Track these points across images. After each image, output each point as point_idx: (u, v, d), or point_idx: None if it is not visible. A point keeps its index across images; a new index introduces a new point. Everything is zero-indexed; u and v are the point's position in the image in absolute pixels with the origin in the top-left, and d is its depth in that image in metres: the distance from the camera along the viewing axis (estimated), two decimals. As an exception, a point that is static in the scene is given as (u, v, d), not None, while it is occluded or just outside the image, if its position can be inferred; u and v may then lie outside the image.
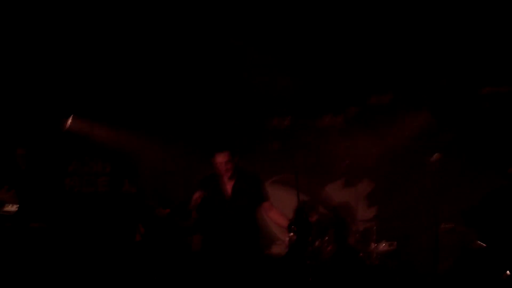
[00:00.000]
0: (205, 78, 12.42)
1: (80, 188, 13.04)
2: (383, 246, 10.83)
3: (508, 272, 8.82)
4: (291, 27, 11.18)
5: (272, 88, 12.49)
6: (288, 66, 12.09)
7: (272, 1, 10.80)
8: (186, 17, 10.98)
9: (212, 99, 12.87)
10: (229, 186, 7.93)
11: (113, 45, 11.60)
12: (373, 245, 10.80)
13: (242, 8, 10.82)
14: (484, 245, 9.51)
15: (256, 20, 11.03)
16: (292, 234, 8.11)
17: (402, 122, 12.32)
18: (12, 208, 9.94)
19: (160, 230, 11.29)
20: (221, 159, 7.84)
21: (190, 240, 12.32)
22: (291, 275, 10.01)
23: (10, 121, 12.40)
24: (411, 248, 11.45)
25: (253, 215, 8.00)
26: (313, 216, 11.30)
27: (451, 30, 10.85)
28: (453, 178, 11.27)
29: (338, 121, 12.78)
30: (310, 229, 8.21)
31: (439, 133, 12.01)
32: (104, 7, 10.80)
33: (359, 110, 12.70)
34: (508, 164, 11.04)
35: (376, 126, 12.48)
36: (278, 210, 8.16)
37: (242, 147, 12.30)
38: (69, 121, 12.45)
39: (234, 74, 12.30)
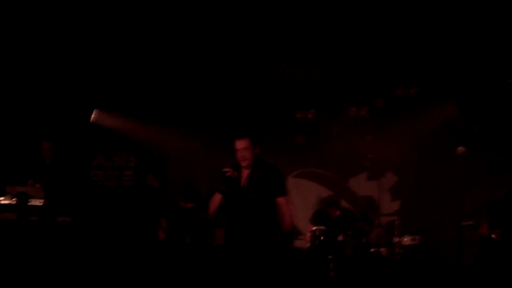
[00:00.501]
0: (232, 71, 12.39)
1: (104, 182, 13.14)
2: (406, 240, 10.75)
3: None
4: (318, 19, 11.11)
5: (297, 81, 12.45)
6: (313, 58, 12.02)
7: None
8: (216, 9, 10.95)
9: (238, 92, 12.87)
10: (245, 175, 7.70)
11: (137, 37, 11.60)
12: (396, 239, 10.72)
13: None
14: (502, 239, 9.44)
15: (283, 13, 10.97)
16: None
17: (428, 115, 12.22)
18: (37, 202, 9.98)
19: (183, 224, 11.31)
20: (240, 145, 7.59)
21: (214, 233, 12.38)
22: (314, 270, 9.98)
23: (35, 114, 12.51)
24: (435, 242, 11.38)
25: (269, 207, 7.64)
26: (335, 211, 11.29)
27: (477, 21, 10.71)
28: (479, 171, 11.17)
29: (363, 113, 12.69)
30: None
31: (465, 126, 11.90)
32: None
33: (384, 102, 12.59)
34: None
35: (402, 118, 12.40)
36: (289, 212, 7.78)
37: (268, 140, 12.38)
38: (94, 114, 12.50)
39: (260, 67, 12.24)
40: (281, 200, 7.64)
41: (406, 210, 11.87)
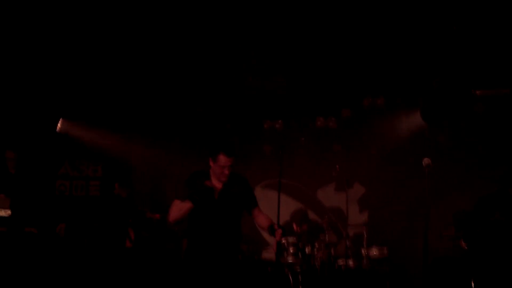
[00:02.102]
0: (199, 81, 12.35)
1: (71, 192, 13.02)
2: (374, 251, 10.79)
3: None
4: (285, 30, 11.11)
5: (264, 91, 12.45)
6: (281, 69, 12.04)
7: (267, 4, 10.75)
8: (181, 18, 10.90)
9: (205, 102, 12.82)
10: (218, 187, 7.53)
11: (104, 46, 11.51)
12: (363, 251, 10.75)
13: (237, 11, 10.75)
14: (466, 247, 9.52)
15: (251, 23, 10.96)
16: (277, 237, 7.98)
17: (395, 125, 12.30)
18: (2, 213, 9.85)
19: (151, 235, 11.24)
20: (226, 162, 7.35)
21: (182, 244, 12.31)
22: (282, 282, 9.96)
23: (-1, 123, 12.37)
24: (402, 253, 11.43)
25: (238, 219, 7.65)
26: (302, 226, 11.33)
27: (442, 32, 10.79)
28: (446, 181, 11.26)
29: (331, 124, 12.73)
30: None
31: (432, 136, 11.99)
32: (96, 9, 10.75)
33: (352, 113, 12.64)
34: (502, 167, 11.05)
35: (369, 129, 12.47)
36: (264, 214, 8.04)
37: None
38: (59, 124, 12.38)
39: (227, 77, 12.23)
40: (255, 211, 7.70)
41: (374, 221, 11.91)
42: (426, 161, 7.93)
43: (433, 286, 9.67)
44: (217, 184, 7.49)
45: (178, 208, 7.47)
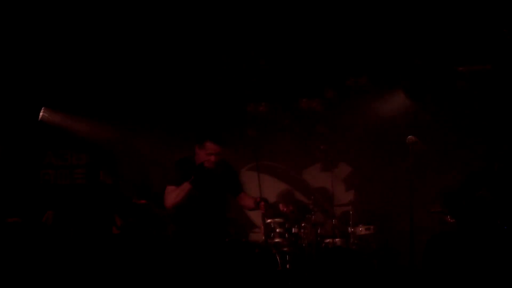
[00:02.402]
0: (180, 65, 12.29)
1: (56, 180, 12.96)
2: (361, 230, 10.83)
3: None
4: (267, 11, 11.07)
5: (247, 73, 12.42)
6: (264, 51, 12.00)
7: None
8: (161, 3, 10.86)
9: (188, 86, 12.77)
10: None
11: (85, 31, 11.43)
12: (351, 229, 10.78)
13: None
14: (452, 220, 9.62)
15: (232, 5, 10.92)
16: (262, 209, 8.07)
17: (379, 104, 12.29)
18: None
19: (137, 221, 11.21)
20: (212, 149, 7.70)
21: (168, 229, 12.30)
22: (269, 263, 9.97)
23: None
24: (389, 231, 11.48)
25: (224, 203, 7.99)
26: (288, 206, 11.32)
27: (423, 8, 10.78)
28: (430, 158, 11.29)
29: (315, 105, 12.71)
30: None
31: (415, 114, 12.00)
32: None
33: (335, 93, 12.62)
34: (485, 143, 11.11)
35: (353, 109, 12.45)
36: (249, 196, 8.19)
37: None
38: (41, 113, 12.30)
39: (210, 60, 12.18)
40: (241, 195, 8.16)
41: (360, 200, 11.92)
42: (410, 138, 7.97)
43: (428, 263, 9.72)
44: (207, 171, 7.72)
45: (176, 193, 7.65)
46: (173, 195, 7.79)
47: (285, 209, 10.83)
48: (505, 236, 9.16)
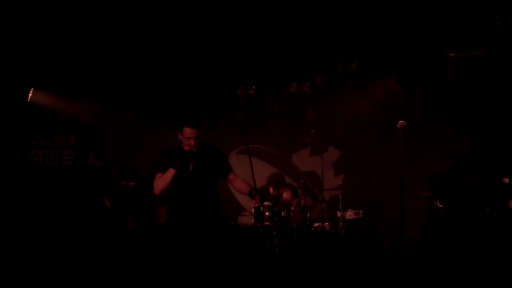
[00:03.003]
0: (171, 48, 12.25)
1: (44, 162, 12.92)
2: (349, 214, 10.85)
3: None
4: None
5: (237, 57, 12.40)
6: (254, 35, 11.97)
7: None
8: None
9: (178, 69, 12.73)
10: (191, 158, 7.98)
11: (74, 14, 11.36)
12: (339, 214, 10.81)
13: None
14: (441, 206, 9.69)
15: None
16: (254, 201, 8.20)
17: (369, 89, 12.30)
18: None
19: (126, 203, 11.21)
20: (190, 134, 7.81)
21: (156, 211, 12.30)
22: (258, 246, 10.00)
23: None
24: (378, 216, 11.52)
25: (214, 187, 8.06)
26: (280, 189, 11.34)
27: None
28: (420, 144, 11.32)
29: (305, 89, 12.70)
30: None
31: (406, 99, 12.02)
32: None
33: (325, 78, 12.61)
34: (475, 129, 11.14)
35: (343, 93, 12.45)
36: (241, 179, 8.28)
37: (209, 117, 12.32)
38: (31, 93, 12.24)
39: (201, 44, 12.14)
40: (231, 176, 8.17)
41: (349, 184, 11.93)
42: (401, 123, 7.99)
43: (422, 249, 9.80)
44: (188, 155, 7.85)
45: (162, 179, 7.87)
46: (160, 181, 7.92)
47: (275, 193, 10.88)
48: (494, 222, 9.24)
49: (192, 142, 7.82)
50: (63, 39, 11.76)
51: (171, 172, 7.80)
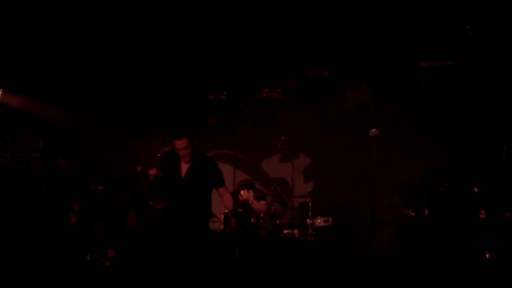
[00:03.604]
0: (144, 52, 12.18)
1: (12, 164, 12.77)
2: (319, 221, 10.86)
3: None
4: (230, 2, 11.04)
5: (210, 62, 12.36)
6: (226, 40, 11.95)
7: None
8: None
9: (150, 72, 12.66)
10: (185, 168, 8.09)
11: (47, 12, 11.25)
12: (309, 221, 10.81)
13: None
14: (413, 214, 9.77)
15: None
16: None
17: (340, 97, 12.33)
18: None
19: (94, 207, 11.11)
20: (179, 145, 7.92)
21: (125, 216, 12.23)
22: (228, 252, 9.98)
23: None
24: (347, 223, 11.55)
25: (205, 197, 8.15)
26: (250, 191, 11.32)
27: (388, 3, 10.83)
28: (389, 152, 11.36)
29: (276, 95, 12.69)
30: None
31: (378, 107, 12.07)
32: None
33: (297, 84, 12.61)
34: (445, 138, 11.24)
35: (314, 100, 12.46)
36: (230, 196, 8.36)
37: (180, 122, 12.24)
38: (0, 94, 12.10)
39: (173, 48, 12.09)
40: (221, 190, 8.21)
41: (319, 191, 11.93)
42: (373, 132, 8.01)
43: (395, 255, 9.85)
44: (184, 164, 8.06)
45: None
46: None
47: (244, 197, 10.88)
48: (466, 231, 9.31)
49: (182, 153, 7.94)
50: (34, 40, 11.62)
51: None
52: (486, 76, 11.26)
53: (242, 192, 11.31)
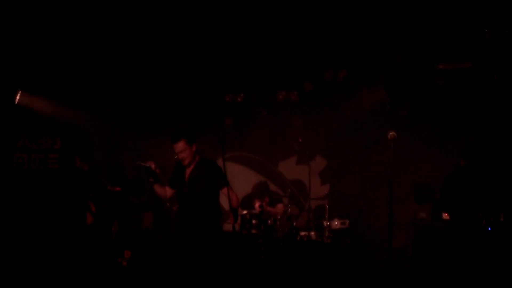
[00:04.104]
0: (160, 53, 12.19)
1: (29, 165, 12.82)
2: (335, 223, 10.86)
3: None
4: (250, 2, 11.03)
5: (226, 64, 12.37)
6: (244, 41, 11.95)
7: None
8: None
9: (166, 74, 12.68)
10: (188, 171, 8.17)
11: (63, 14, 11.28)
12: (326, 223, 10.81)
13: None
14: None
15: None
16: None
17: (357, 99, 12.31)
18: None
19: (111, 207, 11.14)
20: (177, 148, 8.03)
21: (141, 217, 12.26)
22: (244, 253, 10.01)
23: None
24: (364, 225, 11.53)
25: (210, 201, 8.16)
26: (265, 198, 11.34)
27: (406, 6, 10.80)
28: (405, 154, 11.32)
29: (293, 97, 12.69)
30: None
31: (394, 109, 12.04)
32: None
33: (313, 86, 12.60)
34: (461, 140, 11.20)
35: (331, 102, 12.46)
36: (234, 194, 8.29)
37: (196, 123, 12.28)
38: (18, 95, 12.16)
39: (190, 49, 12.09)
40: (225, 190, 8.15)
41: (335, 193, 11.92)
42: (391, 134, 7.99)
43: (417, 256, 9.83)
44: (188, 169, 8.15)
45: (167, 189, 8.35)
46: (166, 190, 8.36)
47: (259, 209, 10.92)
48: (489, 237, 9.27)
49: (180, 156, 8.05)
50: (51, 42, 11.66)
51: (152, 185, 8.20)
52: (503, 79, 11.21)
53: (256, 204, 11.37)
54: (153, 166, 7.98)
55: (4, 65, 11.90)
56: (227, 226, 11.53)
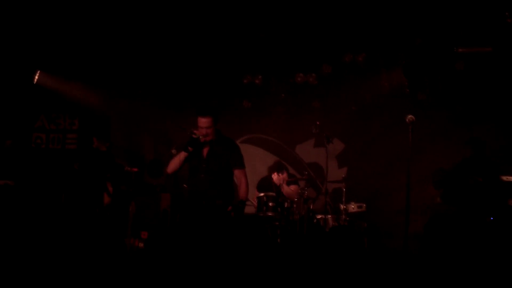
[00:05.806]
0: (178, 35, 12.17)
1: (47, 144, 12.89)
2: (352, 207, 10.86)
3: None
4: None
5: (245, 46, 12.33)
6: (263, 23, 11.90)
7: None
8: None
9: (184, 56, 12.66)
10: (206, 149, 8.16)
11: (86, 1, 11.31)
12: (342, 206, 10.80)
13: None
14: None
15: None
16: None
17: (375, 82, 12.24)
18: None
19: (128, 188, 11.19)
20: (203, 123, 8.03)
21: (159, 197, 12.28)
22: (261, 235, 10.01)
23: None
24: (380, 210, 11.50)
25: (226, 179, 8.18)
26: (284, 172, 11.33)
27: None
28: (424, 138, 11.28)
29: (311, 80, 12.63)
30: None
31: (412, 93, 11.98)
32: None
33: (332, 69, 12.54)
34: (480, 124, 11.13)
35: (349, 85, 12.40)
36: (244, 182, 8.24)
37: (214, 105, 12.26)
38: (37, 76, 12.19)
39: (209, 31, 12.06)
40: (237, 172, 8.22)
41: (352, 177, 11.89)
42: (410, 118, 7.94)
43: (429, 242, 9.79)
44: (205, 146, 8.12)
45: (175, 160, 8.14)
46: (172, 162, 8.19)
47: (275, 179, 10.89)
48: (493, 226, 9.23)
49: (204, 132, 8.02)
50: (71, 22, 11.67)
51: (183, 154, 8.05)
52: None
53: (273, 175, 11.35)
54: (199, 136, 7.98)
55: (24, 44, 11.93)
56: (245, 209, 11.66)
